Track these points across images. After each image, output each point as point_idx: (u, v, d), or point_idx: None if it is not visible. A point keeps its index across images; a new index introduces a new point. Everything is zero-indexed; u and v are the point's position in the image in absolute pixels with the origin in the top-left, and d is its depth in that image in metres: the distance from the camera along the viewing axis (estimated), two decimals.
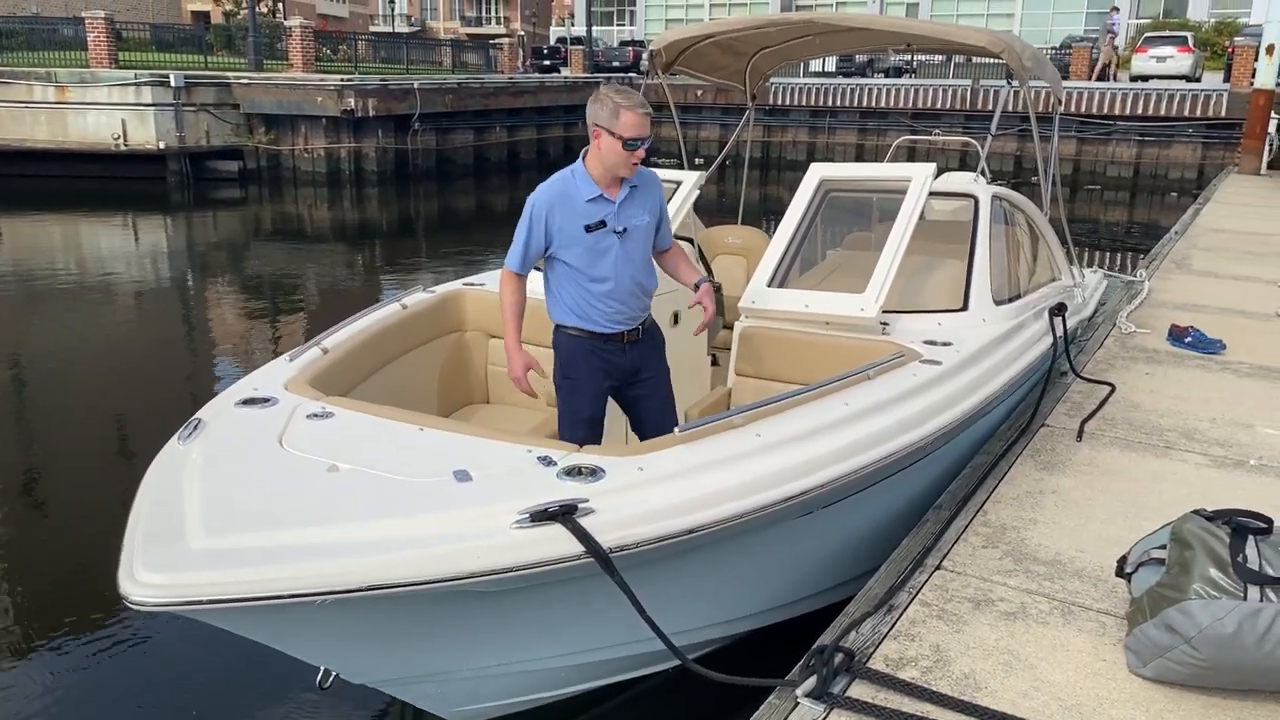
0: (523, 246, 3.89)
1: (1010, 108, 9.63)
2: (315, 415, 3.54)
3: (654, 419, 4.15)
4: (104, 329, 10.65)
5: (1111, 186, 24.73)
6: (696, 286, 4.14)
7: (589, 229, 3.83)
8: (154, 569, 2.60)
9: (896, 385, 4.01)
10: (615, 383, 4.09)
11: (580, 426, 4.05)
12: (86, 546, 5.61)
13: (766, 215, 19.43)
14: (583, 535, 2.84)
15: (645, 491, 3.09)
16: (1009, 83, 6.02)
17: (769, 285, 4.92)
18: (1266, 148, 19.90)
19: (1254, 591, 2.60)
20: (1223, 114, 24.04)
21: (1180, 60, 28.80)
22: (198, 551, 2.68)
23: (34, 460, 6.96)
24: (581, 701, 3.76)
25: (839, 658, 2.85)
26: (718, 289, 5.90)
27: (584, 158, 3.92)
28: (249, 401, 3.67)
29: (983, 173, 5.68)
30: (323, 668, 3.29)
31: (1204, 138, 24.42)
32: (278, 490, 3.02)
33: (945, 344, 4.54)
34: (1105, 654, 2.99)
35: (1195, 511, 2.87)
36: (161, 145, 21.57)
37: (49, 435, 7.44)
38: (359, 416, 3.55)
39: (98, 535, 5.71)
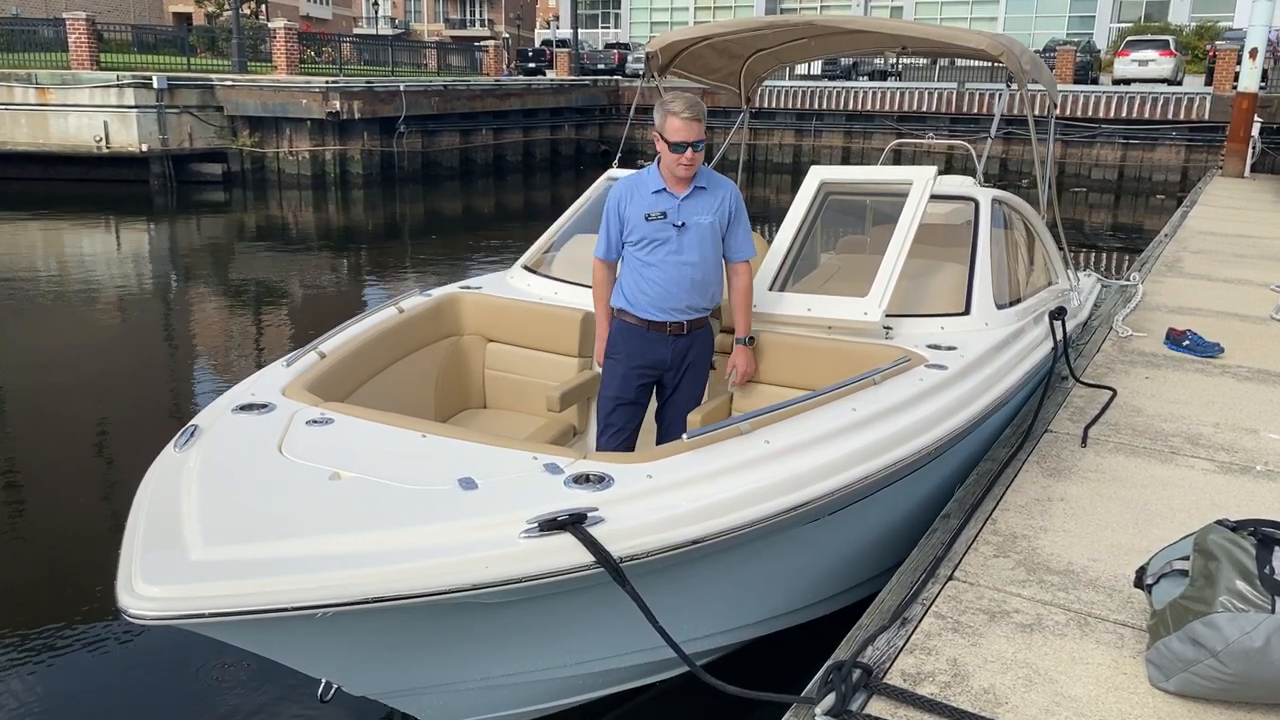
0: (605, 233, 4.25)
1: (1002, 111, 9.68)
2: (314, 421, 3.47)
3: (672, 416, 4.34)
4: (88, 334, 10.50)
5: (1096, 189, 24.88)
6: (736, 341, 4.44)
7: (648, 218, 4.12)
8: (152, 581, 2.53)
9: (903, 390, 3.96)
10: (652, 371, 4.29)
11: (607, 403, 4.31)
12: (79, 555, 5.50)
13: (754, 218, 19.41)
14: (593, 545, 2.78)
15: (654, 499, 3.04)
16: (1008, 86, 5.97)
17: (770, 289, 4.86)
18: (1250, 151, 20.03)
19: None
20: (1206, 117, 24.23)
21: (1162, 64, 29.06)
22: (197, 563, 2.61)
23: (21, 468, 6.83)
24: (588, 710, 3.69)
25: (856, 674, 2.78)
26: None
27: (658, 159, 4.20)
28: (246, 408, 3.59)
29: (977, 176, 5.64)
30: (324, 680, 3.22)
31: (1187, 141, 24.59)
32: (278, 499, 2.94)
33: (949, 348, 4.49)
34: (1125, 667, 2.93)
35: (1219, 522, 2.81)
36: (144, 148, 21.40)
37: (35, 442, 7.29)
38: (359, 423, 3.48)
39: (90, 542, 5.61)
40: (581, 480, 3.06)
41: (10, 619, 4.84)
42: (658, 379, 4.32)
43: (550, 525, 2.77)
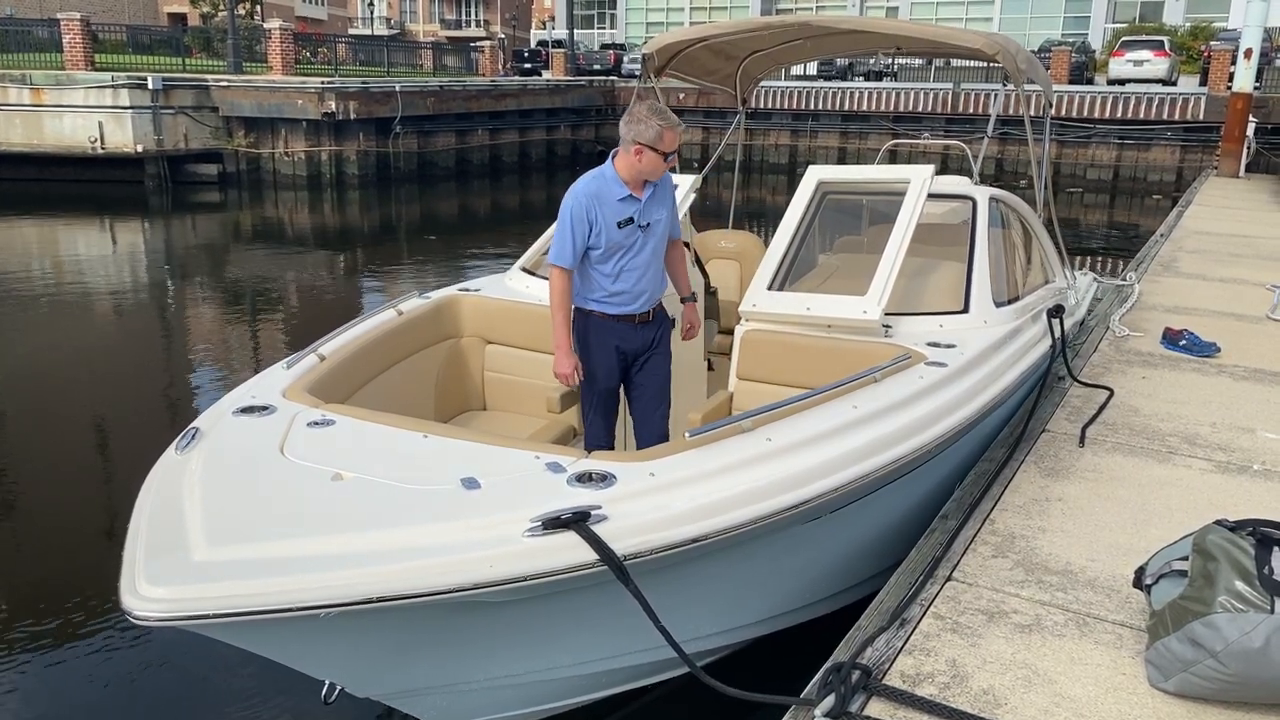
0: (570, 241, 4.11)
1: (998, 111, 9.82)
2: (316, 423, 3.48)
3: (645, 399, 4.41)
4: (85, 335, 10.48)
5: (1092, 189, 24.90)
6: (683, 300, 4.57)
7: (620, 225, 4.13)
8: (156, 582, 2.53)
9: (904, 388, 3.97)
10: (626, 357, 4.35)
11: (598, 397, 4.37)
12: (81, 557, 5.49)
13: (750, 218, 19.43)
14: (597, 543, 2.79)
15: (658, 498, 3.05)
16: (1004, 85, 5.99)
17: (769, 289, 4.87)
18: (1245, 150, 20.07)
19: None
20: (1200, 117, 24.26)
21: (1157, 64, 29.10)
22: (200, 564, 2.62)
23: (22, 470, 6.81)
24: (590, 711, 3.70)
25: (856, 675, 2.78)
26: (713, 293, 5.86)
27: (614, 160, 4.16)
28: (247, 410, 3.60)
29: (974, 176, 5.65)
30: (327, 682, 3.22)
31: (1182, 141, 24.62)
32: (281, 500, 2.95)
33: (949, 346, 4.51)
34: (1124, 668, 2.94)
35: (1218, 522, 2.82)
36: (139, 148, 21.36)
37: (35, 443, 7.28)
38: (361, 424, 3.49)
39: (92, 544, 5.61)
40: (584, 479, 3.07)
41: (12, 621, 4.83)
42: (627, 365, 4.41)
43: (554, 524, 2.78)
